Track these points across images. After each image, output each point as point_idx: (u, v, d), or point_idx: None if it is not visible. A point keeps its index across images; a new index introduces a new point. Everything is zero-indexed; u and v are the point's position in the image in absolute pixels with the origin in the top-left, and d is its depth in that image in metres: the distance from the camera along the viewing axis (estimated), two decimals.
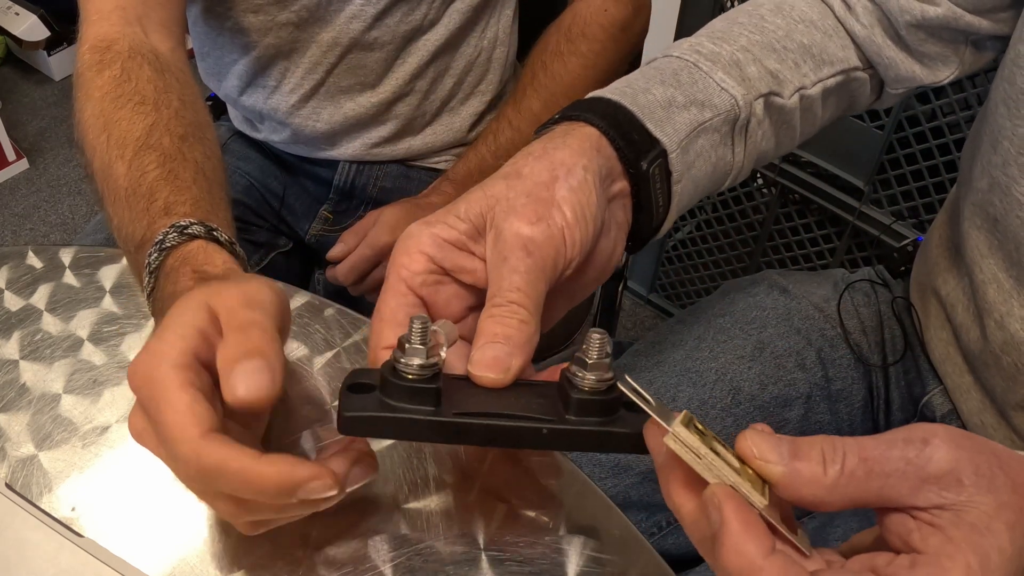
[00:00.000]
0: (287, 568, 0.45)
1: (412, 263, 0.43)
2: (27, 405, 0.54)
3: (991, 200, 0.59)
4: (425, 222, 0.44)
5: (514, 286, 0.41)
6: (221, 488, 0.38)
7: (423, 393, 0.38)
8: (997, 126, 0.57)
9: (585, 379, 0.39)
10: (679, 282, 1.68)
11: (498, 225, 0.43)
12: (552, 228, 0.43)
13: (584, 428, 0.39)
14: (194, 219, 0.51)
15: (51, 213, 2.04)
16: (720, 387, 0.70)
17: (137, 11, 0.67)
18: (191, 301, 0.42)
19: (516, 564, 0.46)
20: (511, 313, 0.41)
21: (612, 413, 0.40)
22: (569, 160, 0.45)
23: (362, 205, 0.99)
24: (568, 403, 0.39)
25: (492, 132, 0.92)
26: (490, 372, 0.40)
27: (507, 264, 0.42)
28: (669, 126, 0.51)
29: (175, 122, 0.59)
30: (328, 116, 0.91)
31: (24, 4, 2.25)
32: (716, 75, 0.55)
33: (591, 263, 0.47)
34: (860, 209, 1.29)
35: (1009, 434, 0.62)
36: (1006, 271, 0.59)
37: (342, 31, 0.85)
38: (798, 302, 0.75)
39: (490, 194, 0.44)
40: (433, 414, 0.38)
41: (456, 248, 0.44)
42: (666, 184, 0.51)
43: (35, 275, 0.63)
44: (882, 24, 0.61)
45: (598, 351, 0.39)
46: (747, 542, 0.32)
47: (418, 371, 0.38)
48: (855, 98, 0.64)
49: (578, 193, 0.44)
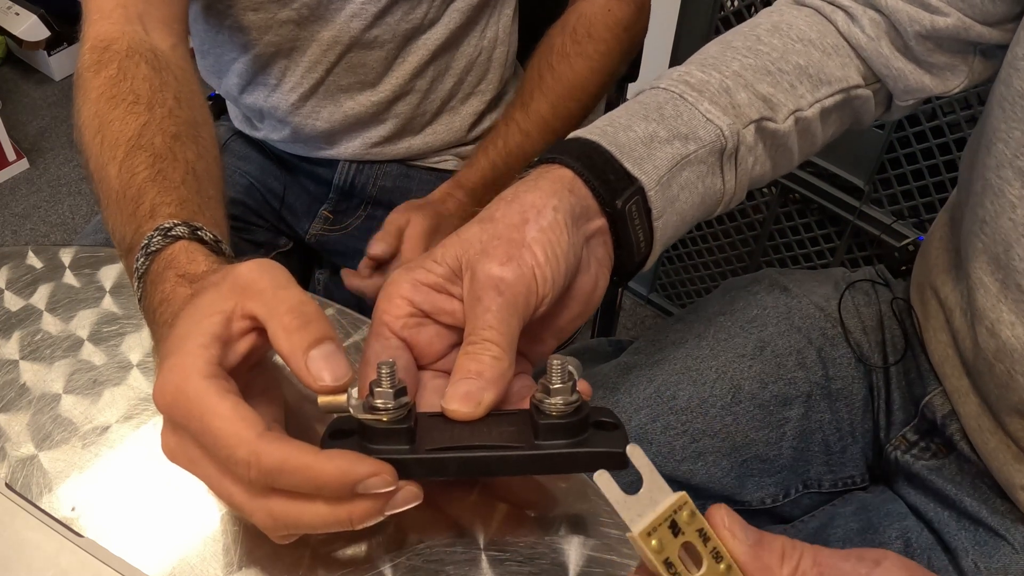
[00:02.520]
0: (287, 568, 0.45)
1: (393, 308, 0.45)
2: (27, 405, 0.54)
3: (982, 202, 0.59)
4: (406, 268, 0.46)
5: (487, 324, 0.43)
6: (281, 485, 0.39)
7: (396, 433, 0.40)
8: (992, 128, 0.57)
9: (551, 404, 0.41)
10: (679, 282, 1.68)
11: (472, 267, 0.45)
12: (523, 267, 0.44)
13: (552, 452, 0.41)
14: (178, 220, 0.51)
15: (51, 213, 2.04)
16: (720, 385, 0.70)
17: (138, 8, 0.68)
18: (202, 309, 0.42)
19: (516, 564, 0.46)
20: (484, 350, 0.42)
21: (580, 434, 0.41)
22: (539, 202, 0.47)
23: (362, 205, 0.99)
24: (536, 429, 0.41)
25: (501, 137, 0.91)
26: (462, 407, 0.41)
27: (480, 304, 0.43)
28: (649, 163, 0.52)
29: (168, 121, 0.59)
30: (328, 115, 0.91)
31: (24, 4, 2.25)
32: (702, 106, 0.55)
33: (572, 299, 0.49)
34: (860, 208, 1.29)
35: (1005, 439, 0.62)
36: (991, 274, 0.59)
37: (342, 29, 0.85)
38: (799, 301, 0.75)
39: (464, 238, 0.46)
40: (408, 452, 0.40)
41: (435, 291, 0.46)
42: (646, 221, 0.52)
43: (35, 275, 0.63)
44: (889, 35, 0.61)
45: (559, 376, 0.41)
46: None
47: (389, 413, 0.40)
48: (859, 114, 0.64)
49: (548, 233, 0.46)
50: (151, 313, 0.49)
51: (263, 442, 0.38)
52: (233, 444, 0.38)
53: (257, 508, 0.40)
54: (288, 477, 0.38)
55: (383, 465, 0.39)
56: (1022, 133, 0.54)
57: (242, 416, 0.38)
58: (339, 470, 0.38)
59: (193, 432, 0.39)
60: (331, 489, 0.38)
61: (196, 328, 0.41)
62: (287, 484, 0.38)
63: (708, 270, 1.60)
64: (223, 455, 0.38)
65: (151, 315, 0.49)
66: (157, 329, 0.48)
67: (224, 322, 0.41)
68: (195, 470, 0.41)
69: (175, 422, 0.40)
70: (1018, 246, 0.56)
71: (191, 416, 0.39)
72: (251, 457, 0.37)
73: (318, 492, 0.39)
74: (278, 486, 0.39)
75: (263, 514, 0.40)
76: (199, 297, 0.43)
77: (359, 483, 0.38)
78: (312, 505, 0.39)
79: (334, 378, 0.40)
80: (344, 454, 0.39)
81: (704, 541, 0.35)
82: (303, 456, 0.38)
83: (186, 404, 0.39)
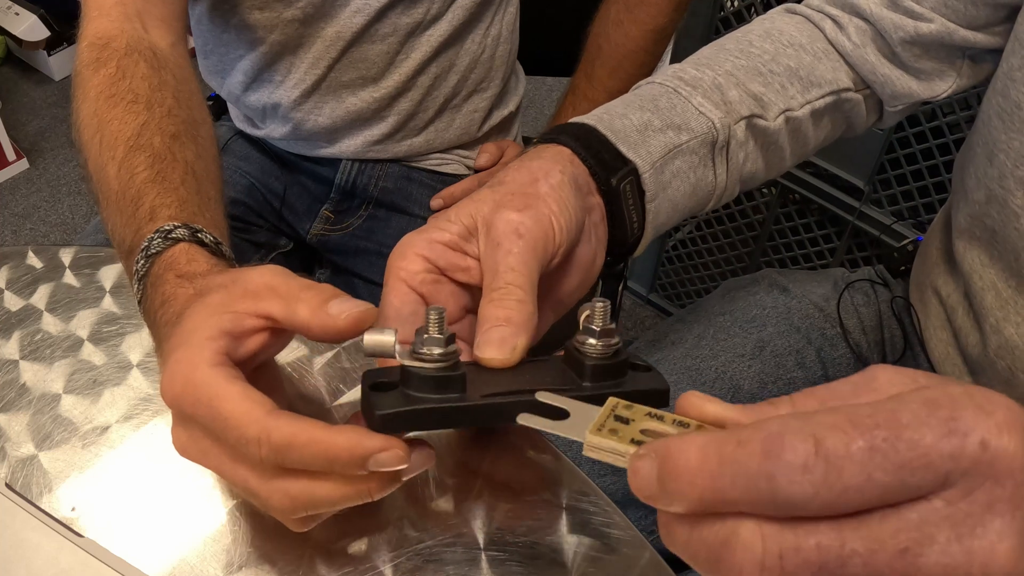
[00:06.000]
0: (287, 568, 0.45)
1: (409, 264, 0.45)
2: (27, 405, 0.54)
3: (988, 212, 0.59)
4: (419, 230, 0.46)
5: (509, 267, 0.43)
6: (292, 462, 0.38)
7: (449, 381, 0.39)
8: (992, 139, 0.58)
9: (596, 345, 0.40)
10: (679, 282, 1.68)
11: (488, 220, 0.45)
12: (540, 213, 0.45)
13: (603, 392, 0.39)
14: (178, 222, 0.51)
15: (51, 213, 2.04)
16: (720, 385, 0.70)
17: (137, 6, 0.67)
18: (210, 307, 0.42)
19: (516, 564, 0.46)
20: (508, 294, 0.42)
21: (622, 375, 0.41)
22: (546, 166, 0.48)
23: (363, 205, 0.99)
24: (582, 371, 0.40)
25: (571, 106, 0.99)
26: (498, 353, 0.41)
27: (501, 248, 0.43)
28: (643, 148, 0.53)
29: (167, 120, 0.59)
30: (330, 111, 0.91)
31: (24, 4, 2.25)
32: (695, 99, 0.56)
33: (574, 267, 0.49)
34: (860, 209, 1.29)
35: None
36: (1005, 280, 0.59)
37: (345, 25, 0.85)
38: (798, 301, 0.75)
39: (477, 199, 0.46)
40: (462, 400, 0.39)
41: (450, 248, 0.45)
42: (640, 202, 0.53)
43: (35, 275, 0.63)
44: (875, 43, 0.61)
45: (602, 318, 0.40)
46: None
47: (441, 359, 0.39)
48: (851, 119, 0.65)
49: (558, 190, 0.46)
50: (152, 315, 0.49)
51: (272, 419, 0.37)
52: (244, 423, 0.38)
53: (273, 490, 0.39)
54: (299, 452, 0.38)
55: (394, 440, 0.38)
56: (1022, 143, 0.55)
57: (251, 396, 0.38)
58: (349, 442, 0.37)
59: (203, 419, 0.39)
60: (342, 463, 0.38)
61: (204, 324, 0.41)
62: (298, 460, 0.38)
63: (708, 270, 1.60)
64: (234, 436, 0.38)
65: (152, 317, 0.49)
66: (159, 330, 0.48)
67: (234, 319, 0.41)
68: (207, 461, 0.41)
69: (184, 413, 0.40)
70: None
71: (200, 403, 0.39)
72: (262, 434, 0.37)
73: (329, 467, 0.38)
74: (289, 463, 0.38)
75: (279, 495, 0.39)
76: (207, 296, 0.43)
77: (371, 457, 0.38)
78: (327, 481, 0.39)
79: (358, 309, 0.40)
80: (354, 429, 0.38)
81: (659, 419, 0.32)
82: (313, 431, 0.37)
83: (194, 392, 0.39)
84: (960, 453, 0.25)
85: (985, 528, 0.25)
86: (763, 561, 0.25)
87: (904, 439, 0.25)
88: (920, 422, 0.25)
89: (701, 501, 0.27)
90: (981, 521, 0.25)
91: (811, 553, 0.25)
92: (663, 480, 0.27)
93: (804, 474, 0.25)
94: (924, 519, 0.25)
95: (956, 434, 0.25)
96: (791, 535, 0.25)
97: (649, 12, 0.94)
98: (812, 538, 0.25)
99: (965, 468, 0.25)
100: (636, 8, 0.94)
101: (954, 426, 0.25)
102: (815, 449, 0.25)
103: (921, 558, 0.25)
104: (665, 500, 0.27)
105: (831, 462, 0.25)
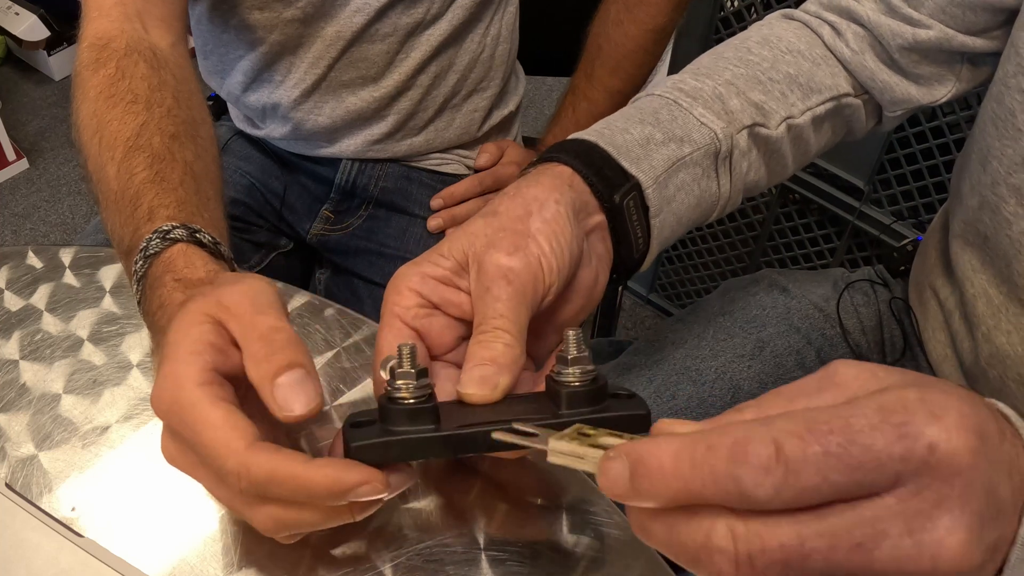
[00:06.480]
0: (287, 568, 0.45)
1: (403, 299, 0.45)
2: (27, 405, 0.54)
3: (981, 218, 0.59)
4: (413, 263, 0.46)
5: (497, 313, 0.43)
6: (272, 496, 0.39)
7: (422, 413, 0.40)
8: (986, 145, 0.58)
9: (571, 373, 0.41)
10: (679, 282, 1.68)
11: (479, 259, 0.45)
12: (529, 257, 0.45)
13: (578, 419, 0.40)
14: (177, 222, 0.51)
15: (51, 213, 2.04)
16: (720, 385, 0.70)
17: (137, 6, 0.67)
18: (192, 315, 0.42)
19: (516, 564, 0.46)
20: (496, 338, 0.43)
21: (600, 402, 0.41)
22: (542, 195, 0.47)
23: (363, 205, 0.99)
24: (558, 399, 0.41)
25: (570, 106, 1.00)
26: (479, 390, 0.42)
27: (490, 293, 0.44)
28: (646, 162, 0.53)
29: (167, 120, 0.59)
30: (330, 110, 0.91)
31: (24, 4, 2.25)
32: (696, 111, 0.56)
33: (574, 292, 0.49)
34: (860, 209, 1.29)
35: None
36: (996, 287, 0.59)
37: (345, 24, 0.85)
38: (798, 301, 0.75)
39: (470, 232, 0.46)
40: (435, 431, 0.40)
41: (442, 284, 0.46)
42: (644, 218, 0.52)
43: (35, 275, 0.63)
44: (874, 49, 0.61)
45: (576, 346, 0.41)
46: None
47: (413, 393, 0.40)
48: (851, 124, 0.65)
49: (552, 224, 0.46)
50: (150, 317, 0.49)
51: (251, 453, 0.38)
52: (223, 455, 0.38)
53: (256, 513, 0.40)
54: (278, 487, 0.38)
55: (373, 472, 0.39)
56: (1015, 151, 0.55)
57: (233, 425, 0.38)
58: (328, 479, 0.38)
59: (187, 440, 0.40)
60: (322, 498, 0.38)
61: (186, 336, 0.41)
62: (278, 494, 0.38)
63: (708, 270, 1.60)
64: (215, 466, 0.39)
65: (150, 319, 0.49)
66: (155, 334, 0.48)
67: (215, 329, 0.41)
68: (194, 474, 0.41)
69: (172, 429, 0.41)
70: (1016, 262, 0.56)
71: (184, 424, 0.39)
72: (240, 469, 0.38)
73: (309, 501, 0.39)
74: (270, 496, 0.39)
75: (263, 517, 0.40)
76: (189, 304, 0.43)
77: (350, 491, 0.38)
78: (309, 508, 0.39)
79: (302, 405, 0.39)
80: (333, 462, 0.38)
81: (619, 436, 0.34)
82: (292, 466, 0.38)
83: (179, 413, 0.39)
84: (910, 455, 0.27)
85: (934, 523, 0.27)
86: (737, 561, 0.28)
87: (857, 443, 0.27)
88: (873, 427, 0.27)
89: (674, 499, 0.29)
90: (930, 517, 0.27)
91: (776, 553, 0.28)
92: (636, 480, 0.29)
93: (767, 476, 0.27)
94: (877, 516, 0.27)
95: (907, 438, 0.27)
96: (757, 538, 0.28)
97: (649, 12, 0.94)
98: (775, 540, 0.28)
99: (915, 469, 0.27)
100: (636, 8, 0.94)
101: (905, 431, 0.27)
102: (776, 454, 0.27)
103: (875, 551, 0.27)
104: (636, 498, 0.30)
105: (790, 465, 0.27)
